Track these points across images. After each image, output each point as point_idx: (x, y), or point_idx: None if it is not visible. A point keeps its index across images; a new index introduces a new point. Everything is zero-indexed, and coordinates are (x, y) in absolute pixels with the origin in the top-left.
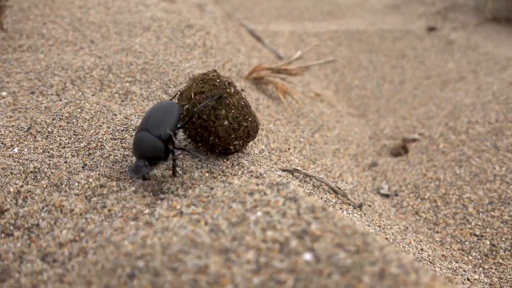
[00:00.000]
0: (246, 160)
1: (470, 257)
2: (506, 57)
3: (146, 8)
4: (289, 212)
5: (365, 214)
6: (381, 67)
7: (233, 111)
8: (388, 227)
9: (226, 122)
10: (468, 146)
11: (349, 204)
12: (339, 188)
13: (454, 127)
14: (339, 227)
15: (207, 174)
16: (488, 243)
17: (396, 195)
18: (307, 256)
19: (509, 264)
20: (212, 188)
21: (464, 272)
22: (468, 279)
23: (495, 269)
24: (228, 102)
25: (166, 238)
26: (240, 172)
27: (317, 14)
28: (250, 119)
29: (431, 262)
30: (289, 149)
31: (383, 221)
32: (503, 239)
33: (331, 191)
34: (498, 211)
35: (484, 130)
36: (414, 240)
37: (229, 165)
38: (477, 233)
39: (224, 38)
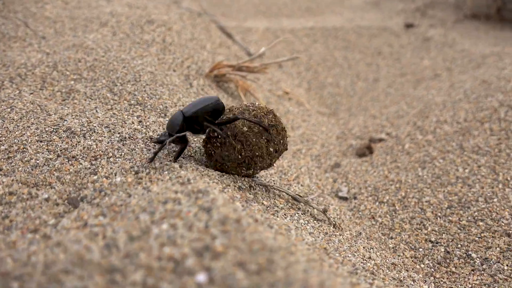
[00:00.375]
0: (178, 164)
1: (422, 265)
2: (482, 55)
3: (107, 2)
4: (197, 225)
5: (314, 219)
6: (356, 65)
7: (248, 150)
8: (338, 233)
9: (235, 149)
10: (433, 147)
11: (299, 209)
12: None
13: (422, 126)
14: (247, 242)
15: (129, 180)
16: (442, 250)
17: (355, 198)
18: (201, 278)
19: (462, 273)
20: (130, 196)
21: (412, 283)
22: None
23: (447, 278)
24: (258, 142)
25: (53, 254)
26: (168, 177)
27: (295, 11)
28: (243, 169)
29: (372, 273)
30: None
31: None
32: (459, 246)
33: (281, 194)
34: (457, 215)
35: (452, 130)
36: (363, 248)
37: (159, 169)
38: (433, 239)
39: (189, 35)
